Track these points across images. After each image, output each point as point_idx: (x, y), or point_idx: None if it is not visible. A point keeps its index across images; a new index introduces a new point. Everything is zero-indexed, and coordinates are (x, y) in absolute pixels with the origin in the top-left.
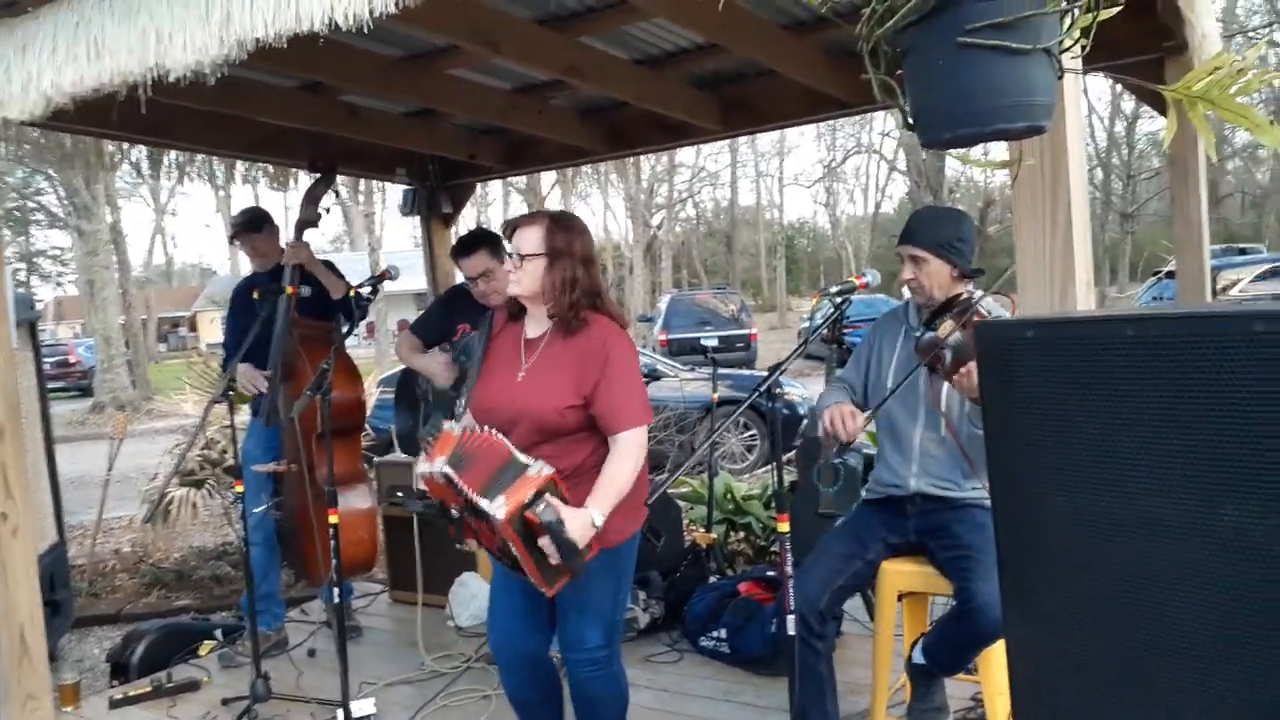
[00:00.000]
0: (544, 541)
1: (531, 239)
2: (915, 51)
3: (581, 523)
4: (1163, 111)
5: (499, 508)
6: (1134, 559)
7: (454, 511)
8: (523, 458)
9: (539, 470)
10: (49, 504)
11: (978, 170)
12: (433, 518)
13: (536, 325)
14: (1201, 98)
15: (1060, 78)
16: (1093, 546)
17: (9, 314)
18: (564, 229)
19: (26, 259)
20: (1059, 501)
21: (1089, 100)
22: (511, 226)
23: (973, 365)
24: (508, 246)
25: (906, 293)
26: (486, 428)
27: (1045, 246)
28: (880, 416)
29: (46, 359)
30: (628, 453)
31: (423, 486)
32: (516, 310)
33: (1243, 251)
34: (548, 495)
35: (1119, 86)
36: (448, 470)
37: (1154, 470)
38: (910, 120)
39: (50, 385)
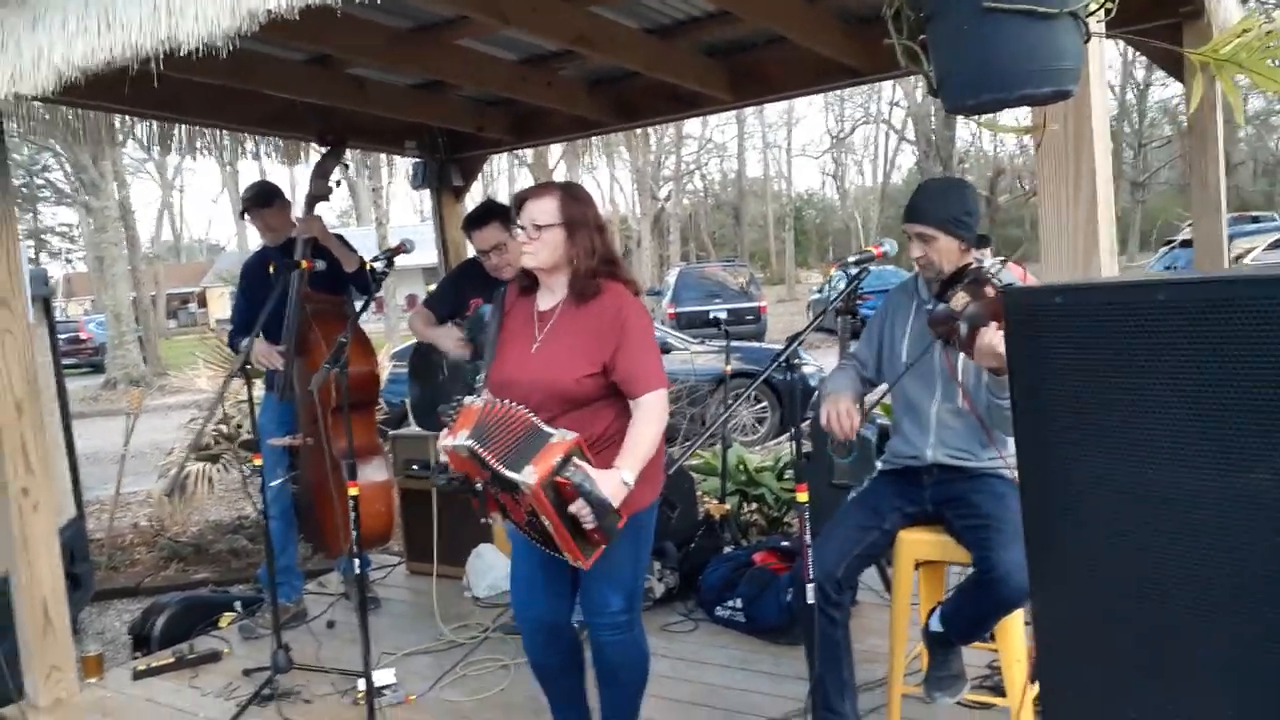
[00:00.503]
0: (577, 505)
1: (546, 210)
2: (940, 16)
3: (613, 482)
4: (1179, 77)
5: (529, 475)
6: (1164, 525)
7: (478, 485)
8: (545, 427)
9: (563, 436)
10: (67, 479)
11: (987, 139)
12: (454, 491)
13: (549, 296)
14: (1230, 60)
15: (1087, 41)
16: (1122, 513)
17: (24, 290)
18: (576, 198)
19: (35, 236)
20: (1089, 468)
21: None
22: (520, 199)
23: (995, 332)
24: (520, 219)
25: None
26: (506, 400)
27: (1069, 213)
28: (895, 390)
29: (59, 335)
30: (651, 414)
31: (445, 460)
32: (528, 283)
33: (1255, 220)
34: (575, 459)
35: (1130, 54)
36: (471, 444)
37: (1186, 435)
38: (934, 86)
39: (63, 362)
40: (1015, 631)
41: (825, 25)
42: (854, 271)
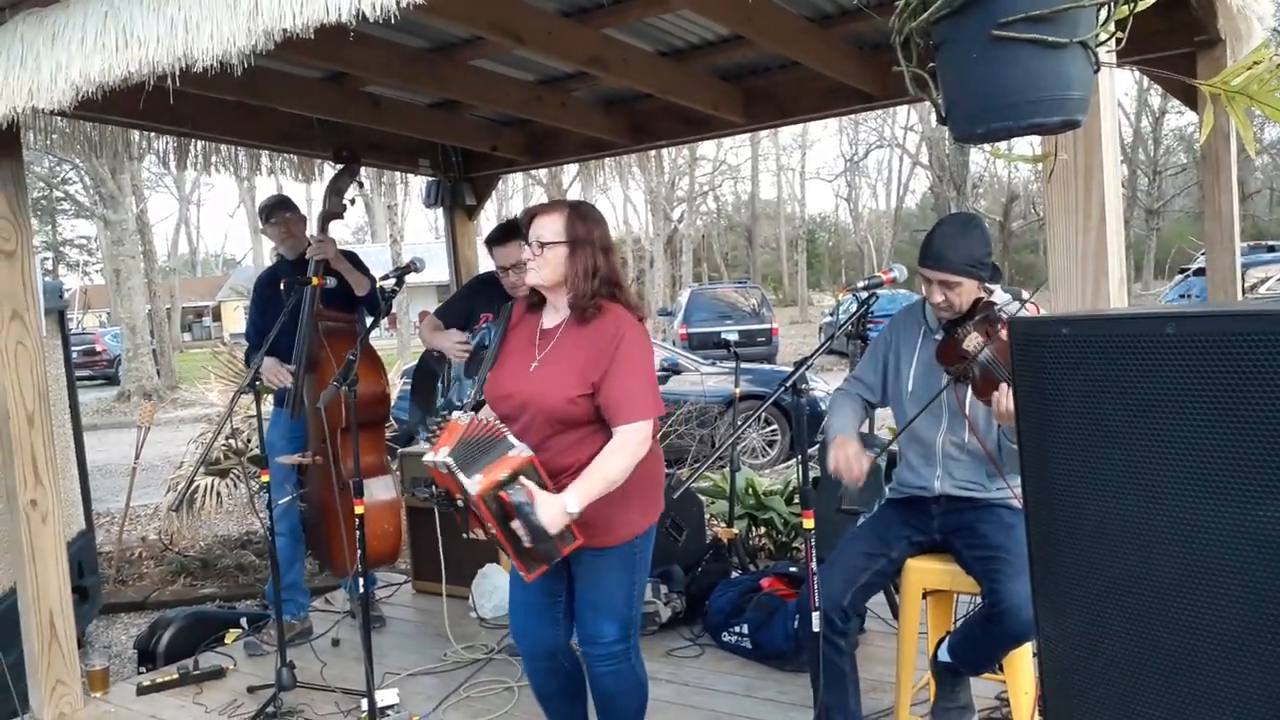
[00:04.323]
0: (516, 524)
1: (552, 227)
2: (949, 44)
3: (553, 509)
4: (1194, 106)
5: (474, 484)
6: (1169, 560)
7: (459, 500)
8: (511, 439)
9: (518, 452)
10: (77, 491)
11: (1001, 165)
12: (439, 507)
13: (554, 315)
14: (1240, 92)
15: (1096, 71)
16: (1127, 547)
17: (39, 303)
18: (584, 217)
19: (53, 248)
20: (1094, 501)
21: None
22: (530, 215)
23: (1008, 392)
24: (529, 235)
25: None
26: (490, 417)
27: (1078, 243)
28: (901, 417)
29: (73, 347)
30: (624, 446)
31: (429, 476)
32: (536, 301)
33: (1271, 249)
34: (522, 478)
35: (1145, 81)
36: (449, 460)
37: (1192, 470)
38: (943, 114)
39: (77, 374)
40: (1024, 663)
41: (837, 51)
42: (864, 296)
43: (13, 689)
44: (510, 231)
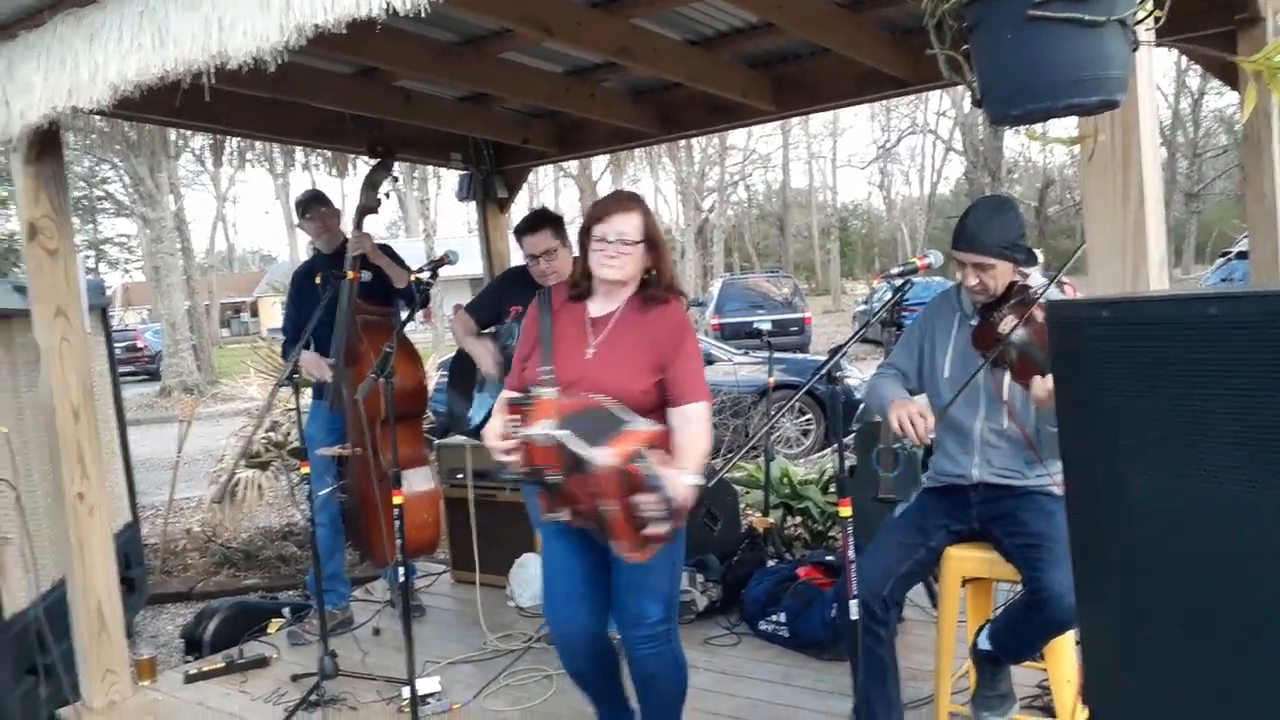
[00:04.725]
0: (644, 498)
1: (633, 225)
2: (983, 26)
3: (681, 483)
4: (1234, 86)
5: (605, 455)
6: (1215, 546)
7: (550, 478)
8: (623, 414)
9: (644, 426)
10: (123, 485)
11: (1036, 149)
12: (527, 484)
13: (604, 304)
14: None
15: (1135, 50)
16: (1172, 534)
17: (82, 300)
18: (651, 216)
19: (94, 247)
20: (1137, 487)
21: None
22: (606, 211)
23: (1049, 380)
24: (603, 230)
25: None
26: (583, 393)
27: (1117, 225)
28: (937, 404)
29: (116, 344)
30: (701, 423)
31: (506, 458)
32: (580, 293)
33: None
34: (650, 451)
35: (1184, 62)
36: (564, 433)
37: (1239, 450)
38: (978, 97)
39: (120, 370)
40: (1065, 651)
41: (868, 36)
42: (898, 282)
43: (64, 678)
44: (540, 221)
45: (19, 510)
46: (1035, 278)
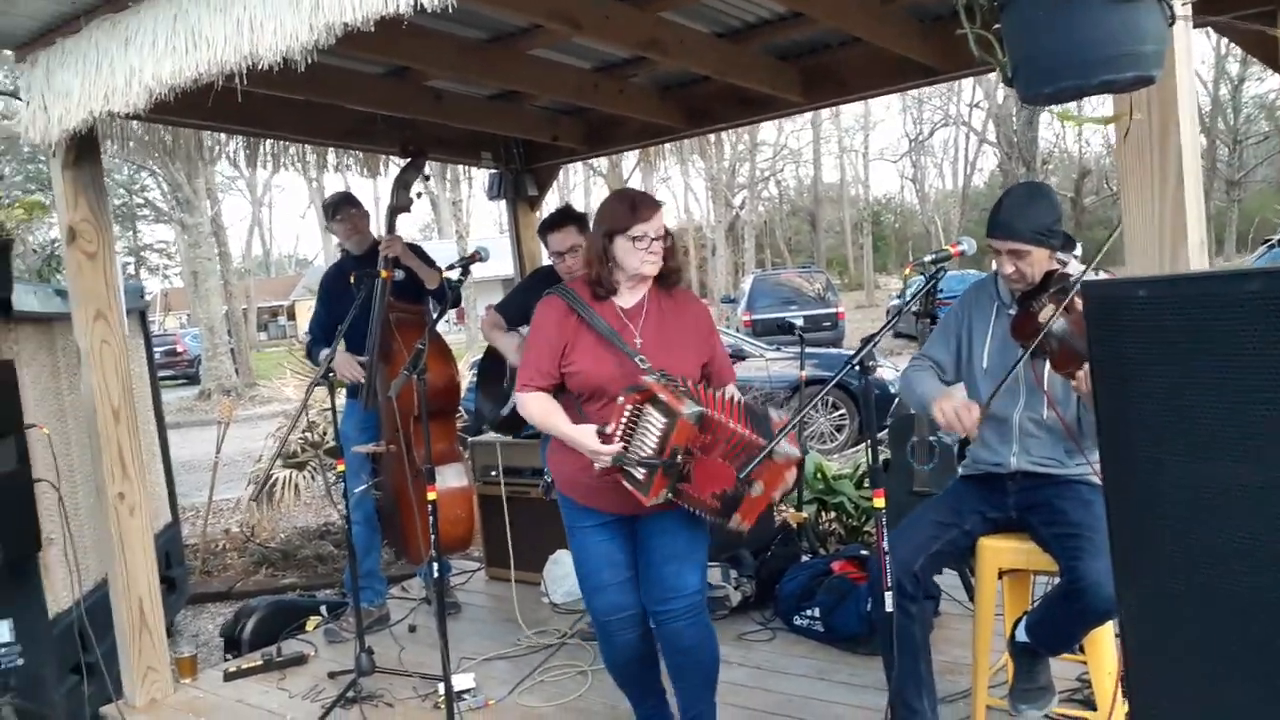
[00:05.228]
0: (791, 475)
1: (662, 222)
2: (1013, 3)
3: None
4: (1276, 68)
5: (793, 449)
6: (1259, 530)
7: (681, 457)
8: (756, 407)
9: (780, 415)
10: (163, 486)
11: (1071, 139)
12: (660, 467)
13: (630, 295)
14: None
15: (1171, 24)
16: (1213, 518)
17: (120, 303)
18: None
19: (135, 253)
20: (1177, 470)
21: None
22: (642, 212)
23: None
24: (644, 229)
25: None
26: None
27: (1154, 206)
28: (975, 396)
29: (156, 348)
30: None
31: (608, 449)
32: (605, 292)
33: None
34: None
35: (1224, 48)
36: (704, 410)
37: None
38: (1009, 76)
39: (160, 374)
40: (1105, 643)
41: (899, 24)
42: (931, 271)
43: (107, 676)
44: (564, 218)
45: (61, 510)
46: (1074, 265)
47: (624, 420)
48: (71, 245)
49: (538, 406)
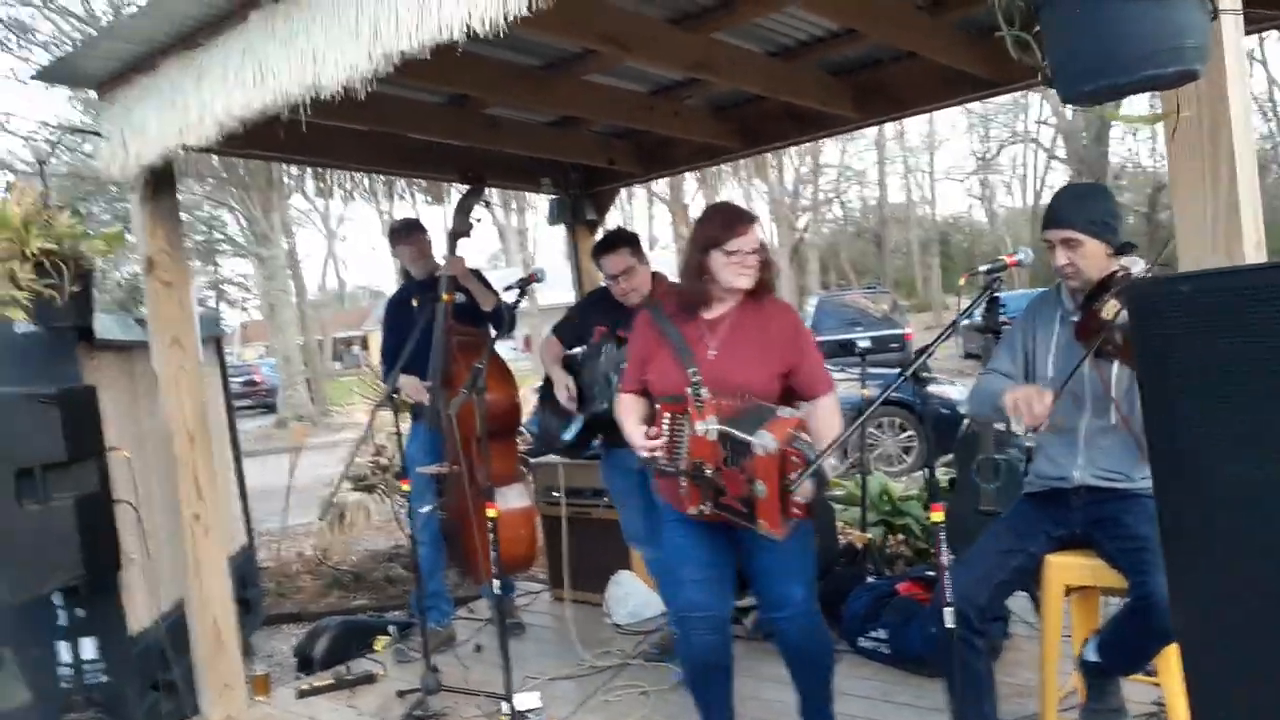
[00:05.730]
0: (795, 478)
1: (757, 238)
2: (1050, 3)
3: (826, 462)
4: None
5: (769, 440)
6: None
7: (709, 470)
8: (768, 405)
9: (790, 413)
10: (238, 509)
11: (1145, 154)
12: (694, 478)
13: (715, 309)
14: None
15: (1214, 18)
16: (1268, 520)
17: (196, 330)
18: None
19: (215, 286)
20: (1229, 471)
21: (1264, 61)
22: (737, 227)
23: None
24: (739, 244)
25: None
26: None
27: (1206, 207)
28: None
29: (235, 379)
30: (833, 410)
31: (651, 455)
32: (697, 303)
33: None
34: (799, 432)
35: None
36: (723, 426)
37: None
38: (1049, 77)
39: (239, 403)
40: (1180, 663)
41: (949, 37)
42: (987, 279)
43: (185, 693)
44: (616, 240)
45: (140, 531)
46: (1138, 266)
47: (664, 428)
48: (150, 275)
49: (621, 406)
